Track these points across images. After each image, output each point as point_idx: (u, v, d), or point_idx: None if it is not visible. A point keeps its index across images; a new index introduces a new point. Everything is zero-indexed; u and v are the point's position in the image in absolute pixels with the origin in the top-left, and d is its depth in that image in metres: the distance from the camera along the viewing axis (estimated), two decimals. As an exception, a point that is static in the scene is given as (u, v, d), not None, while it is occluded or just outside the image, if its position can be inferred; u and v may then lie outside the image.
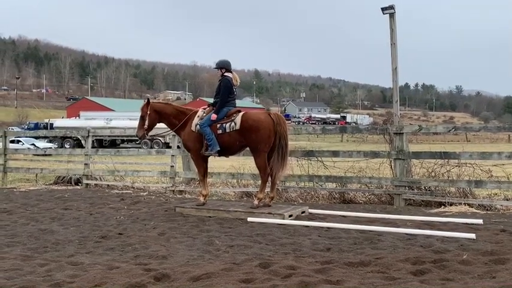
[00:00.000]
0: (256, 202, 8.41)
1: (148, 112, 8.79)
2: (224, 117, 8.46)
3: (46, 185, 13.36)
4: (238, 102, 9.45)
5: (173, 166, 11.62)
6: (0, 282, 4.62)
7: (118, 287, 4.42)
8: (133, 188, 12.03)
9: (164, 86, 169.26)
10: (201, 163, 8.83)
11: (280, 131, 8.28)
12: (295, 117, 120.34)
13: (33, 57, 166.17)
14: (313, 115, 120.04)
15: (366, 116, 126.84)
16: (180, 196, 10.96)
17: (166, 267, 5.06)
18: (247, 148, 8.63)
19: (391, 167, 9.78)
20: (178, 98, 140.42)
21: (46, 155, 16.39)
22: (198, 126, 8.52)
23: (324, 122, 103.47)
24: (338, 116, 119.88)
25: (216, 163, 8.97)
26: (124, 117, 42.82)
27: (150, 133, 9.11)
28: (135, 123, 9.41)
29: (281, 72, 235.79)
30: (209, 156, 8.72)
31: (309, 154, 10.46)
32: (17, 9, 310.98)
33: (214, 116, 8.41)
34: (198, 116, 8.66)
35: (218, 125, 8.41)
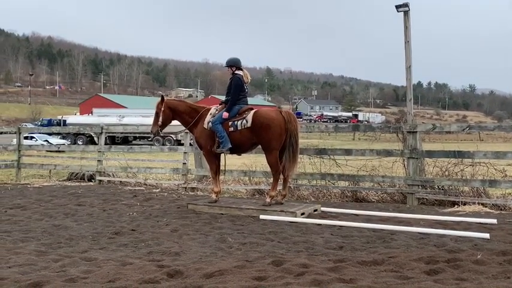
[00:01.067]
0: (268, 200, 8.41)
1: (163, 109, 8.84)
2: (236, 115, 8.47)
3: (59, 181, 13.48)
4: (250, 100, 9.43)
5: (185, 163, 11.65)
6: (15, 277, 4.65)
7: (131, 283, 4.44)
8: (145, 184, 12.09)
9: (176, 84, 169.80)
10: (213, 160, 8.84)
11: (291, 129, 8.27)
12: (306, 115, 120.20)
13: (46, 54, 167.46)
14: (325, 113, 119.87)
15: (378, 115, 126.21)
16: (192, 193, 10.99)
17: (179, 263, 5.08)
18: (259, 146, 8.63)
19: (404, 166, 9.73)
20: (190, 96, 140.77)
21: (59, 151, 16.56)
22: (210, 123, 8.54)
23: (336, 120, 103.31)
24: (350, 114, 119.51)
25: (228, 161, 8.98)
26: (136, 114, 43.03)
27: (165, 130, 9.15)
28: (148, 120, 9.47)
29: (293, 70, 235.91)
30: (221, 153, 8.74)
31: (321, 152, 10.44)
32: (31, 6, 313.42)
33: (226, 114, 8.42)
34: (211, 114, 8.67)
35: (230, 123, 8.41)
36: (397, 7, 9.98)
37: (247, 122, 8.29)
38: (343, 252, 5.56)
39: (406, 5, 9.91)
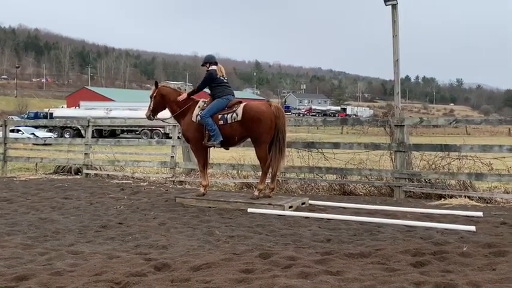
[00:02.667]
0: (256, 193, 8.42)
1: (154, 95, 8.99)
2: (225, 107, 8.46)
3: (46, 174, 13.37)
4: (238, 94, 9.48)
5: (173, 156, 11.61)
6: (1, 271, 4.62)
7: (118, 276, 4.41)
8: (133, 178, 12.03)
9: (164, 77, 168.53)
10: (201, 154, 8.83)
11: (279, 124, 8.28)
12: (295, 108, 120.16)
13: (33, 46, 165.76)
14: (313, 107, 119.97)
15: (367, 109, 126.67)
16: (180, 186, 10.96)
17: (167, 257, 5.07)
18: (248, 139, 8.62)
19: (392, 159, 9.78)
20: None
21: (46, 144, 16.42)
22: (198, 117, 8.51)
23: (324, 114, 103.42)
24: (338, 108, 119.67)
25: (216, 154, 8.98)
26: (124, 107, 42.78)
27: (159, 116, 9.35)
28: (135, 114, 9.47)
29: (282, 63, 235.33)
30: (210, 147, 8.72)
31: (309, 146, 10.44)
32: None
33: (203, 104, 8.60)
34: (199, 107, 8.65)
35: (219, 116, 8.39)
36: (385, 1, 10.00)
37: (237, 115, 8.27)
38: (331, 245, 5.58)
39: (394, -2, 9.92)
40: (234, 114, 8.30)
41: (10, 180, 11.99)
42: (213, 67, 8.69)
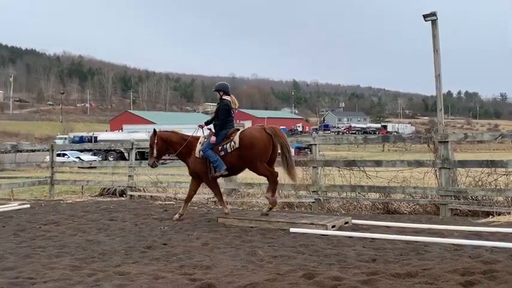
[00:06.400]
0: (266, 209, 8.87)
1: (156, 141, 9.21)
2: (224, 139, 8.77)
3: (92, 196, 13.68)
4: (277, 113, 9.70)
5: (215, 177, 11.69)
6: (51, 292, 4.73)
7: (164, 296, 4.46)
8: (175, 199, 12.18)
9: (203, 98, 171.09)
10: (215, 185, 9.23)
11: (280, 141, 8.59)
12: (334, 127, 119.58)
13: (77, 72, 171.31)
14: (353, 125, 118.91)
15: (408, 125, 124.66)
16: (222, 207, 10.99)
17: (211, 277, 5.09)
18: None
19: (436, 176, 9.58)
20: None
21: (91, 167, 16.82)
22: (201, 152, 8.87)
23: (364, 131, 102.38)
24: (379, 125, 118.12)
25: (256, 174, 9.02)
26: (165, 129, 43.42)
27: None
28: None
29: (319, 82, 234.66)
30: (218, 177, 9.08)
31: (350, 164, 10.36)
32: (61, 26, 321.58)
33: (213, 139, 8.76)
34: (200, 143, 9.01)
35: (220, 147, 8.73)
36: (425, 16, 9.93)
37: (235, 143, 8.62)
38: (376, 265, 5.49)
39: (433, 14, 9.84)
40: (232, 143, 8.66)
41: (57, 203, 12.32)
42: (227, 98, 8.98)
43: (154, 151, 9.21)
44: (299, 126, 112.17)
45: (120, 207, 11.00)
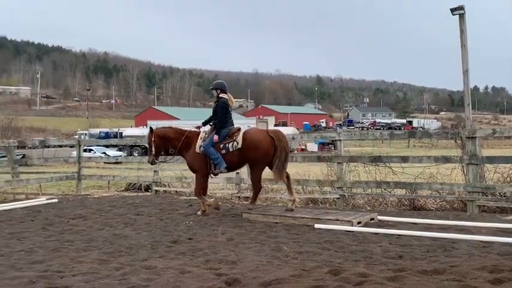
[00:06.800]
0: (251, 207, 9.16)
1: (153, 139, 9.31)
2: (226, 137, 8.90)
3: (118, 191, 13.87)
4: (300, 109, 9.73)
5: (238, 173, 11.73)
6: (79, 285, 4.82)
7: (191, 291, 4.49)
8: (200, 194, 12.22)
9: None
10: (204, 181, 9.32)
11: (281, 145, 8.75)
12: (358, 122, 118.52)
13: (102, 69, 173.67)
14: (377, 120, 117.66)
15: (434, 121, 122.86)
16: (246, 202, 11.03)
17: (237, 272, 5.11)
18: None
19: (464, 173, 9.43)
20: (240, 106, 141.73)
21: (117, 162, 17.03)
22: (202, 148, 8.97)
23: (389, 127, 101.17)
24: (404, 120, 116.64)
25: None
26: (189, 125, 43.58)
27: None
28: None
29: (343, 77, 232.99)
30: (217, 174, 9.23)
31: (376, 160, 10.27)
32: (87, 23, 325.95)
33: (216, 138, 8.87)
34: (201, 138, 9.10)
35: (221, 146, 8.87)
36: (452, 10, 9.75)
37: (237, 143, 8.79)
38: (403, 262, 5.44)
39: (461, 7, 9.66)
40: (235, 143, 8.81)
41: (84, 197, 12.52)
42: (224, 96, 9.11)
43: (153, 148, 9.33)
44: (323, 122, 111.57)
45: (145, 202, 11.12)
